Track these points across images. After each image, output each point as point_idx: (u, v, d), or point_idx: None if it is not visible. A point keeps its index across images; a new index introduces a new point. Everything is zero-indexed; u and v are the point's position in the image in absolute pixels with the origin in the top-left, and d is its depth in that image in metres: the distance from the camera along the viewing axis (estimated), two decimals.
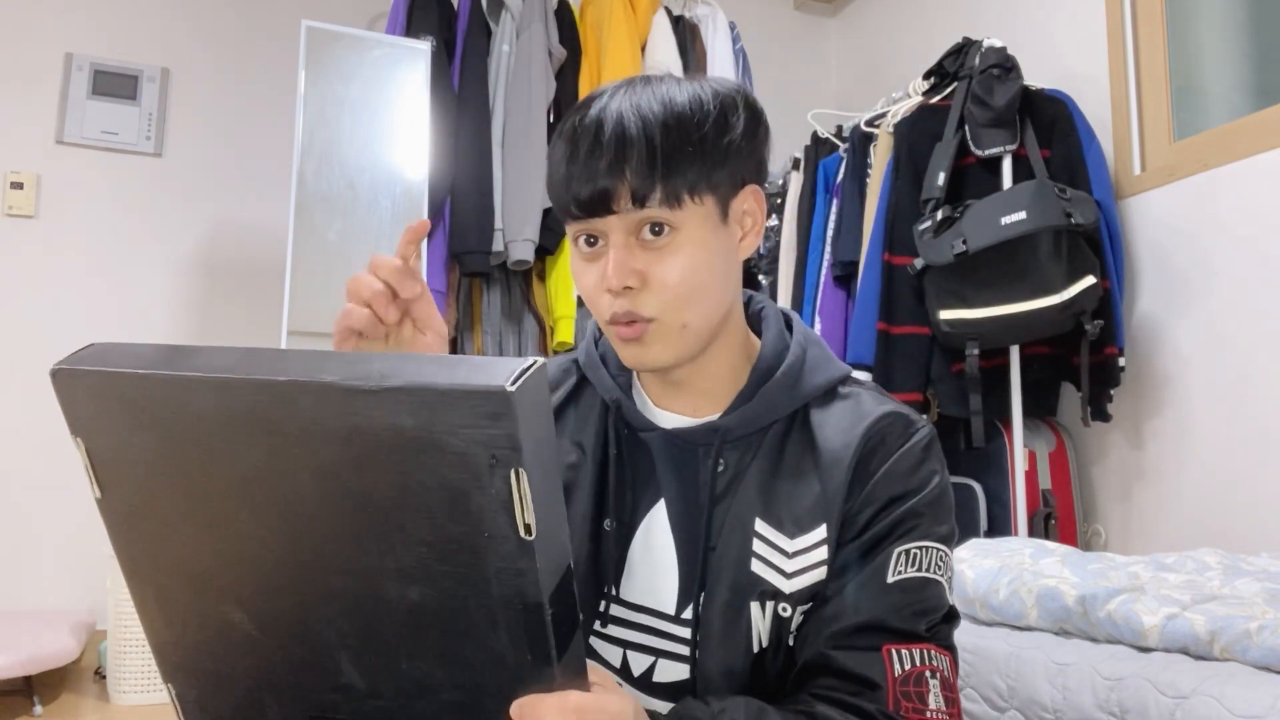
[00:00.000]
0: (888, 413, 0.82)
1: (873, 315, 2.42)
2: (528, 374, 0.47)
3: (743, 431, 0.82)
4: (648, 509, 0.83)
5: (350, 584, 0.55)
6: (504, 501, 0.48)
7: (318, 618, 0.57)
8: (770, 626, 0.78)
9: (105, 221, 2.90)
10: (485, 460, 0.47)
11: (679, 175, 0.74)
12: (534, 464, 0.48)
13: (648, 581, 0.82)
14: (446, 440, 0.48)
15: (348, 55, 2.50)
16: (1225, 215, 2.22)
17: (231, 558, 0.58)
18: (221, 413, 0.52)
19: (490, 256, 2.62)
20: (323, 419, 0.50)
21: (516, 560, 0.50)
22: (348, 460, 0.51)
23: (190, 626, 0.62)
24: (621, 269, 0.75)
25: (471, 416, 0.46)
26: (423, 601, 0.54)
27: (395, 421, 0.48)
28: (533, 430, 0.48)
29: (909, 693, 0.73)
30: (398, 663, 0.57)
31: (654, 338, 0.77)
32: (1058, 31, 2.74)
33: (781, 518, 0.79)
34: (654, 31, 2.87)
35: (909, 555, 0.77)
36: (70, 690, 2.46)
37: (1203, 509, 2.25)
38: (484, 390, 0.46)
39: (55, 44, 2.89)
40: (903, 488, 0.79)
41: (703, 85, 0.78)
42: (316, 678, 0.60)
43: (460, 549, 0.51)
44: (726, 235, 0.79)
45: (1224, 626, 1.16)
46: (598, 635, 0.83)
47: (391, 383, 0.47)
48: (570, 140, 0.76)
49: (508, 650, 0.54)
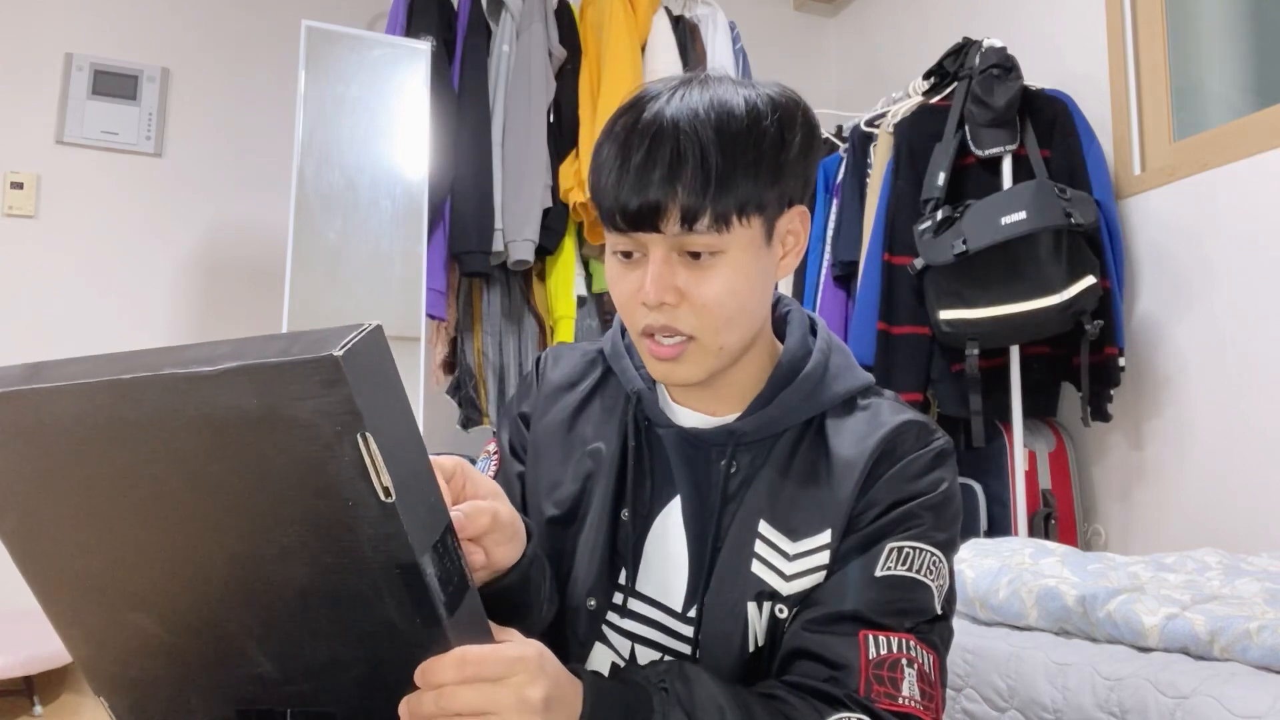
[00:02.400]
0: (905, 421, 0.81)
1: (873, 315, 2.42)
2: (359, 338, 0.47)
3: (757, 436, 0.81)
4: (664, 504, 0.83)
5: (239, 573, 0.55)
6: (358, 467, 0.48)
7: (219, 611, 0.57)
8: (767, 627, 0.78)
9: (105, 221, 2.90)
10: (330, 429, 0.47)
11: (730, 196, 0.72)
12: (380, 426, 0.48)
13: (661, 576, 0.82)
14: (290, 415, 0.48)
15: (348, 55, 2.49)
16: (1225, 215, 2.22)
17: (126, 564, 0.58)
18: (81, 420, 0.52)
19: (490, 256, 2.62)
20: (173, 411, 0.50)
21: (383, 524, 0.50)
22: (204, 450, 0.51)
23: (106, 639, 0.62)
24: (660, 284, 0.73)
25: (308, 387, 0.47)
26: (309, 581, 0.54)
27: (239, 403, 0.48)
28: (374, 392, 0.48)
29: (881, 677, 0.71)
30: (301, 646, 0.57)
31: (690, 357, 0.76)
32: (1058, 31, 2.74)
33: (787, 521, 0.79)
34: (654, 32, 2.86)
35: (900, 553, 0.76)
36: (70, 690, 2.46)
37: (1203, 509, 2.25)
38: (314, 360, 0.46)
39: (55, 44, 2.89)
40: (907, 490, 0.78)
41: (759, 92, 0.76)
42: (233, 671, 0.60)
43: (330, 522, 0.51)
44: (768, 256, 0.77)
45: (1224, 626, 1.16)
46: (610, 626, 0.83)
47: (228, 364, 0.47)
48: (623, 144, 0.73)
49: (397, 617, 0.54)
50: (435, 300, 2.52)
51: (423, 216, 2.46)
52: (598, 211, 0.77)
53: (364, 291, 2.40)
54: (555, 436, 0.89)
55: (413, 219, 2.45)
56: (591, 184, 0.78)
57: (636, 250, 0.75)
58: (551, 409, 0.91)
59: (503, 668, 0.57)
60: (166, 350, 0.51)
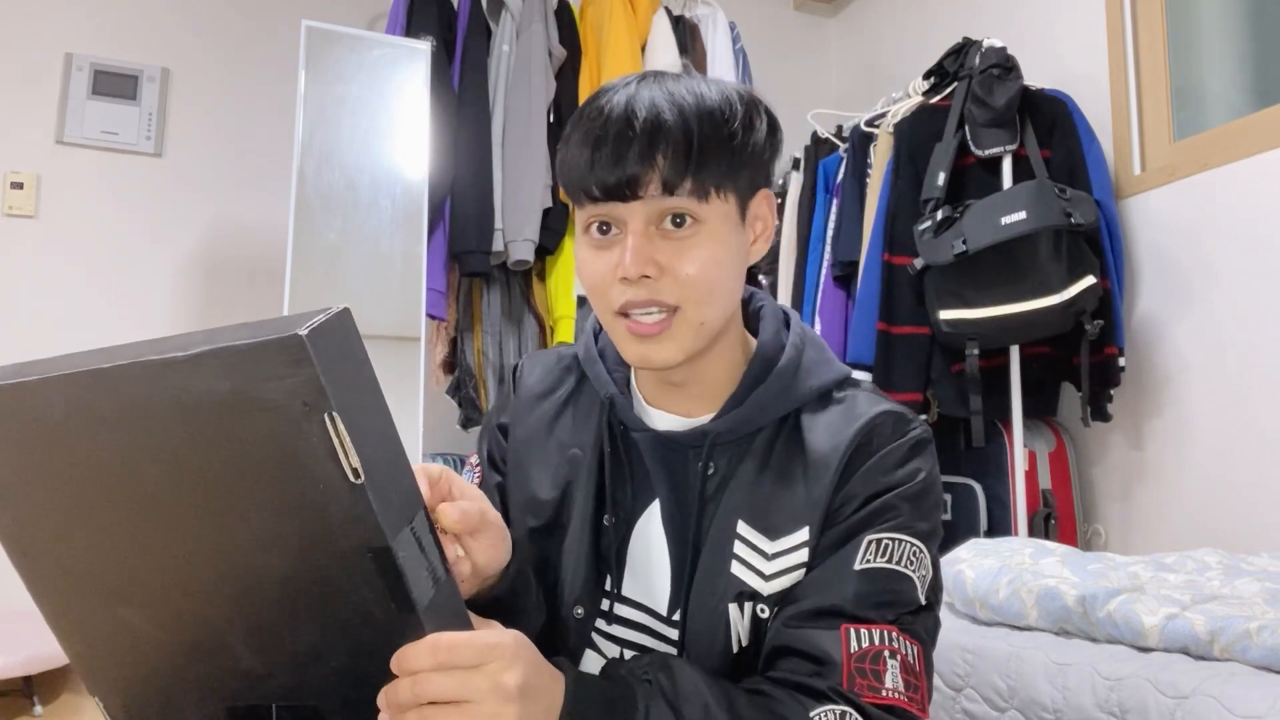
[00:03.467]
0: (881, 412, 0.80)
1: (873, 315, 2.42)
2: (326, 318, 0.48)
3: (732, 436, 0.81)
4: (644, 507, 0.83)
5: (220, 565, 0.55)
6: (327, 449, 0.49)
7: (202, 604, 0.57)
8: (749, 627, 0.78)
9: (105, 221, 2.90)
10: (299, 409, 0.48)
11: (710, 168, 0.73)
12: (348, 406, 0.49)
13: (645, 580, 0.82)
14: (261, 397, 0.48)
15: (348, 55, 2.49)
16: (1225, 215, 2.22)
17: (112, 558, 0.58)
18: (66, 412, 0.53)
19: (490, 256, 2.62)
20: (149, 398, 0.50)
21: (353, 506, 0.51)
22: (181, 438, 0.51)
23: (96, 636, 0.62)
24: (639, 256, 0.73)
25: (276, 368, 0.47)
26: (287, 569, 0.54)
27: (212, 387, 0.49)
28: (341, 372, 0.48)
29: (864, 669, 0.71)
30: (283, 638, 0.57)
31: (673, 333, 0.76)
32: (1058, 31, 2.74)
33: (765, 520, 0.79)
34: (654, 31, 2.86)
35: (879, 545, 0.75)
36: (70, 690, 2.46)
37: (1203, 509, 2.25)
38: (281, 340, 0.46)
39: (55, 44, 2.89)
40: (885, 482, 0.77)
41: (724, 86, 0.78)
42: (219, 667, 0.60)
43: (303, 506, 0.51)
44: (742, 236, 0.79)
45: (1224, 626, 1.16)
46: (599, 633, 0.83)
47: (200, 348, 0.48)
48: (596, 126, 0.74)
49: (372, 604, 0.54)
50: (435, 300, 2.52)
51: (423, 216, 2.46)
52: (570, 193, 0.77)
53: (364, 291, 2.40)
54: (534, 445, 0.89)
55: (413, 219, 2.45)
56: (560, 169, 0.78)
57: (615, 225, 0.75)
58: (529, 417, 0.90)
59: (477, 654, 0.56)
60: (148, 342, 0.52)
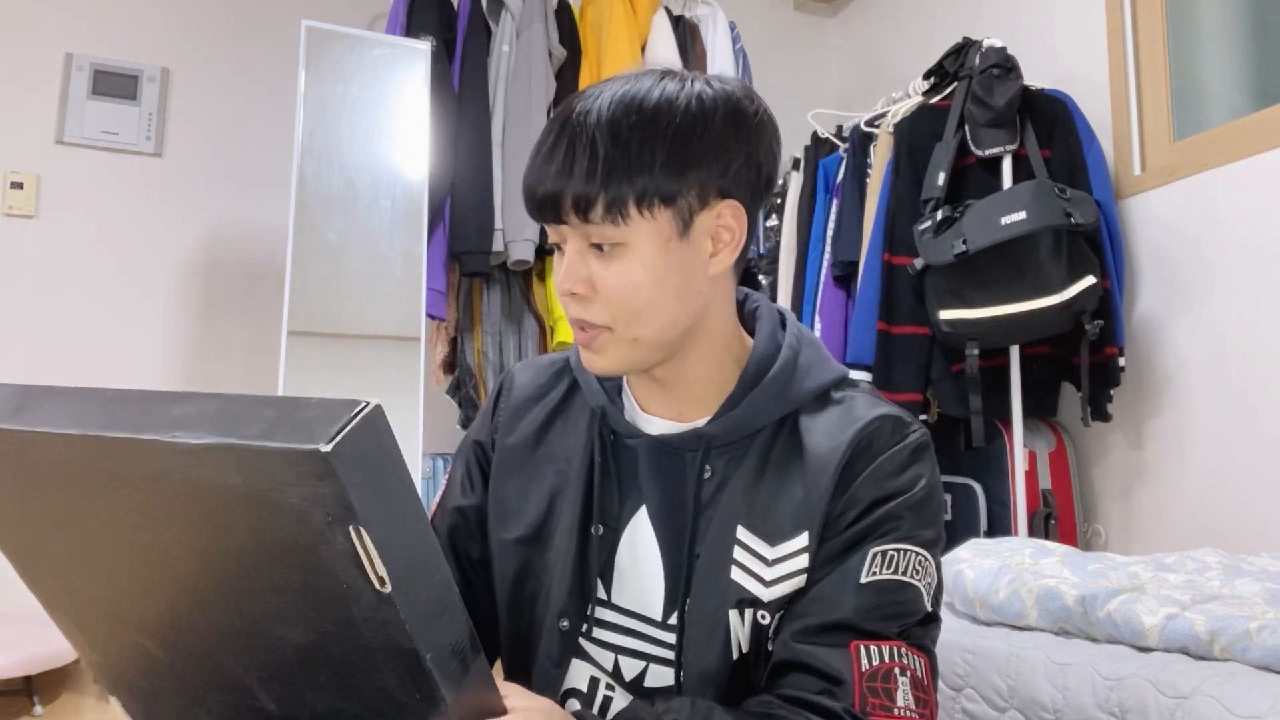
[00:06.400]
0: (880, 415, 0.79)
1: (872, 315, 2.42)
2: (351, 426, 0.43)
3: (729, 438, 0.80)
4: (632, 513, 0.82)
5: (239, 623, 0.54)
6: (351, 556, 0.46)
7: (220, 650, 0.56)
8: (750, 633, 0.77)
9: (105, 221, 2.90)
10: (321, 518, 0.45)
11: (624, 185, 0.70)
12: (376, 516, 0.45)
13: (636, 586, 0.81)
14: (279, 499, 0.45)
15: (347, 55, 2.49)
16: (1225, 215, 2.22)
17: (128, 593, 0.57)
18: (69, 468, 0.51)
19: (490, 256, 2.62)
20: (157, 474, 0.48)
21: (378, 611, 0.48)
22: (196, 515, 0.49)
23: (111, 651, 0.62)
24: (571, 274, 0.74)
25: (296, 476, 0.44)
26: (307, 642, 0.52)
27: (226, 479, 0.46)
28: (369, 482, 0.45)
29: (875, 689, 0.71)
30: (302, 692, 0.56)
31: (604, 346, 0.76)
32: (1058, 31, 2.74)
33: (764, 525, 0.78)
34: (654, 31, 2.86)
35: (885, 556, 0.75)
36: (70, 690, 2.46)
37: (1203, 509, 2.25)
38: (301, 452, 0.42)
39: (55, 44, 2.89)
40: (887, 489, 0.76)
41: (689, 84, 0.75)
42: (238, 702, 0.59)
43: (325, 598, 0.49)
44: (687, 249, 0.74)
45: (1224, 626, 1.16)
46: (589, 640, 0.83)
47: (208, 439, 0.45)
48: (540, 139, 0.75)
49: (396, 689, 0.53)
50: (435, 300, 2.52)
51: (423, 216, 2.46)
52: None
53: (364, 291, 2.40)
54: (522, 453, 0.88)
55: (413, 219, 2.45)
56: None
57: (561, 241, 0.76)
58: (519, 424, 0.89)
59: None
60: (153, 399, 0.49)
